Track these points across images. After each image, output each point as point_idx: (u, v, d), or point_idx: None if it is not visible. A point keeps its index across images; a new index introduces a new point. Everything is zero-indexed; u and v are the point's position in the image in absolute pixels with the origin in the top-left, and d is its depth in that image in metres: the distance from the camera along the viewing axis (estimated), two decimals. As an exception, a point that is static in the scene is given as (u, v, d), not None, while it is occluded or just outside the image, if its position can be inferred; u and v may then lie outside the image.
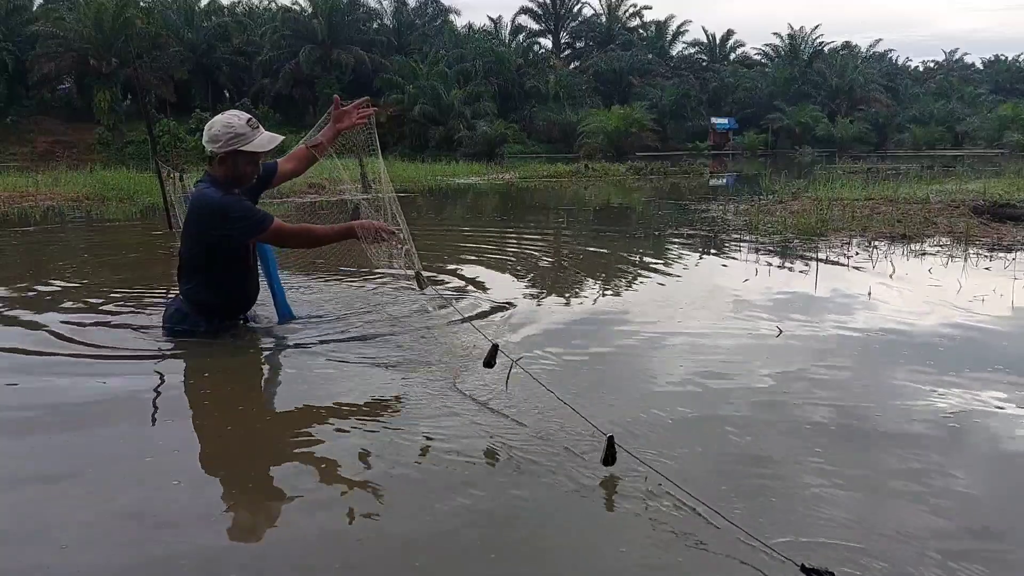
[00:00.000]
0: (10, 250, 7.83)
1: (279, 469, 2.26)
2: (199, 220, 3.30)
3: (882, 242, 6.90)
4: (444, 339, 3.53)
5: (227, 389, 3.01)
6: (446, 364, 3.13)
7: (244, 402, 2.89)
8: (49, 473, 2.21)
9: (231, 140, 3.19)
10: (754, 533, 1.72)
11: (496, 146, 38.45)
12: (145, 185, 14.76)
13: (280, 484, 2.17)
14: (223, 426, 2.62)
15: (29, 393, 2.93)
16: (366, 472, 2.21)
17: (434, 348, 3.39)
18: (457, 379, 2.92)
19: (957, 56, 70.14)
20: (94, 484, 2.14)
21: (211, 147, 3.21)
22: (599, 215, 11.85)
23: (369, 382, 2.98)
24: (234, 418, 2.69)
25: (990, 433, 2.45)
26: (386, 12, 51.01)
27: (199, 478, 2.21)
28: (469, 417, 2.55)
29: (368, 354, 3.31)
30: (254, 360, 3.40)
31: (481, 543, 1.82)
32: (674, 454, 2.25)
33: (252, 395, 3.02)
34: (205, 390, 2.97)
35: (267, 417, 2.76)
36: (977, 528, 1.88)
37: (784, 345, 3.50)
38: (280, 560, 1.75)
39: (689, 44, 59.96)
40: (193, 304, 3.45)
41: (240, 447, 2.44)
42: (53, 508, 2.00)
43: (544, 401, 2.59)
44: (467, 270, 5.74)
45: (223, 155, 3.21)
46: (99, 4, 40.02)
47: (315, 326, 3.75)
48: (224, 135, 3.18)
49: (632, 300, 4.63)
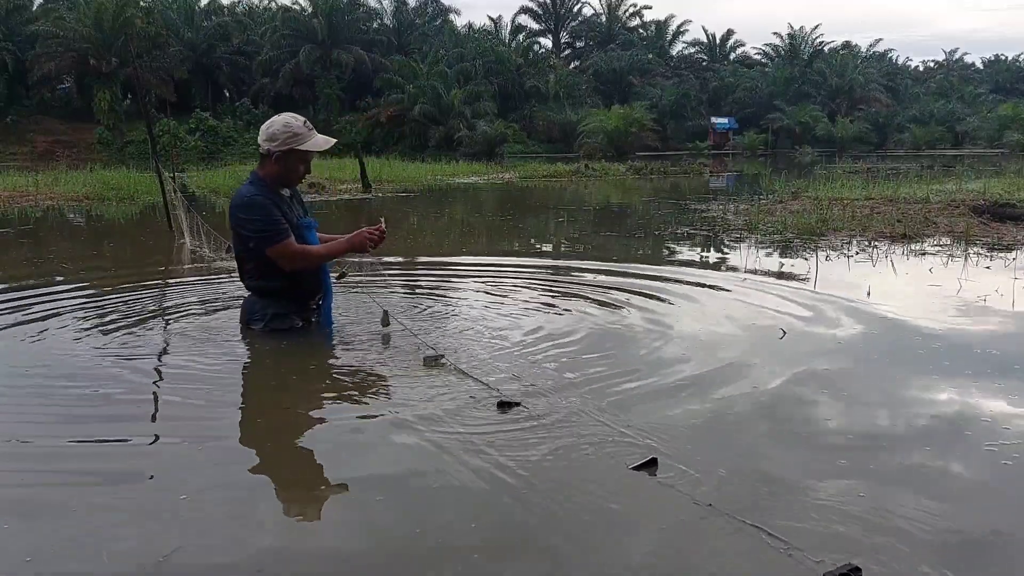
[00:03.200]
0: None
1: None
2: (234, 215, 3.44)
3: (882, 242, 6.90)
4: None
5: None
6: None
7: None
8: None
9: (289, 139, 3.36)
10: (758, 533, 1.72)
11: (496, 146, 38.42)
12: (145, 185, 14.77)
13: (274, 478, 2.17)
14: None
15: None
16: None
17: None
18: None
19: (957, 56, 70.19)
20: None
21: (268, 145, 3.37)
22: (599, 215, 11.84)
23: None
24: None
25: (991, 433, 2.45)
26: (386, 12, 51.02)
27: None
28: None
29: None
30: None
31: (494, 544, 1.82)
32: (676, 455, 2.25)
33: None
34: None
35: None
36: (978, 528, 1.88)
37: (787, 346, 3.50)
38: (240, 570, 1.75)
39: (689, 44, 60.04)
40: (258, 294, 3.59)
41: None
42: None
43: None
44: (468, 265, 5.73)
45: (280, 154, 3.37)
46: (99, 4, 40.01)
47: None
48: (283, 134, 3.35)
49: (632, 300, 4.63)
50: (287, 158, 3.39)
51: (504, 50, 49.22)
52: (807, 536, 1.78)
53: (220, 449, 2.41)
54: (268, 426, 2.66)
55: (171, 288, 5.18)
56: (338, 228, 4.06)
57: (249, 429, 2.62)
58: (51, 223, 10.98)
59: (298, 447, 2.47)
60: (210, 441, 2.47)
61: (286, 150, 3.37)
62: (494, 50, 48.16)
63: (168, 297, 4.84)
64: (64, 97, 45.05)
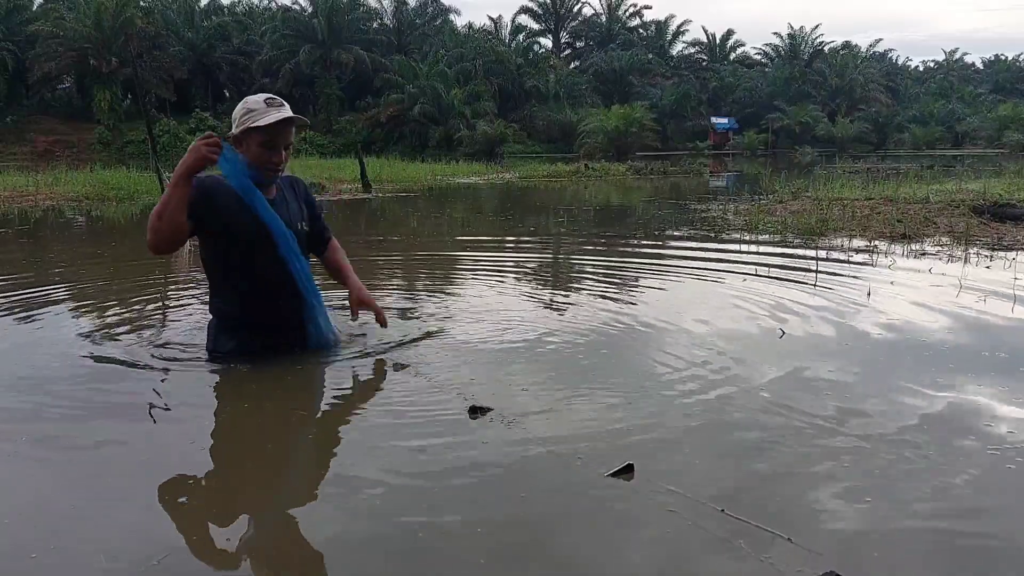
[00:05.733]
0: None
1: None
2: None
3: (882, 242, 6.89)
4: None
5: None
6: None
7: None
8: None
9: (243, 118, 2.95)
10: (757, 534, 1.71)
11: (496, 146, 38.45)
12: (145, 185, 14.77)
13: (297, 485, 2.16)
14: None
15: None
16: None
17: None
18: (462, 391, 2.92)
19: (957, 56, 70.24)
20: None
21: (233, 132, 2.99)
22: (599, 215, 11.84)
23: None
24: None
25: (992, 433, 2.44)
26: (386, 12, 51.10)
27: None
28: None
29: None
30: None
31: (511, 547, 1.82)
32: (677, 454, 2.25)
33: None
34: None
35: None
36: (979, 529, 1.88)
37: (786, 346, 3.49)
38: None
39: (689, 44, 60.17)
40: (216, 318, 3.18)
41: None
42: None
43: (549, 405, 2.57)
44: (468, 266, 5.73)
45: (238, 136, 2.96)
46: (99, 4, 40.05)
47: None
48: (239, 115, 2.98)
49: (631, 300, 4.62)
50: (246, 140, 2.95)
51: (504, 50, 49.28)
52: (806, 538, 1.78)
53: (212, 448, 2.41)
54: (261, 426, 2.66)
55: (171, 288, 5.17)
56: (337, 227, 4.03)
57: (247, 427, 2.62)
58: (51, 223, 10.97)
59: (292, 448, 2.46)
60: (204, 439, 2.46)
61: (242, 130, 2.93)
62: (494, 50, 48.21)
63: (168, 297, 4.84)
64: (64, 97, 45.09)
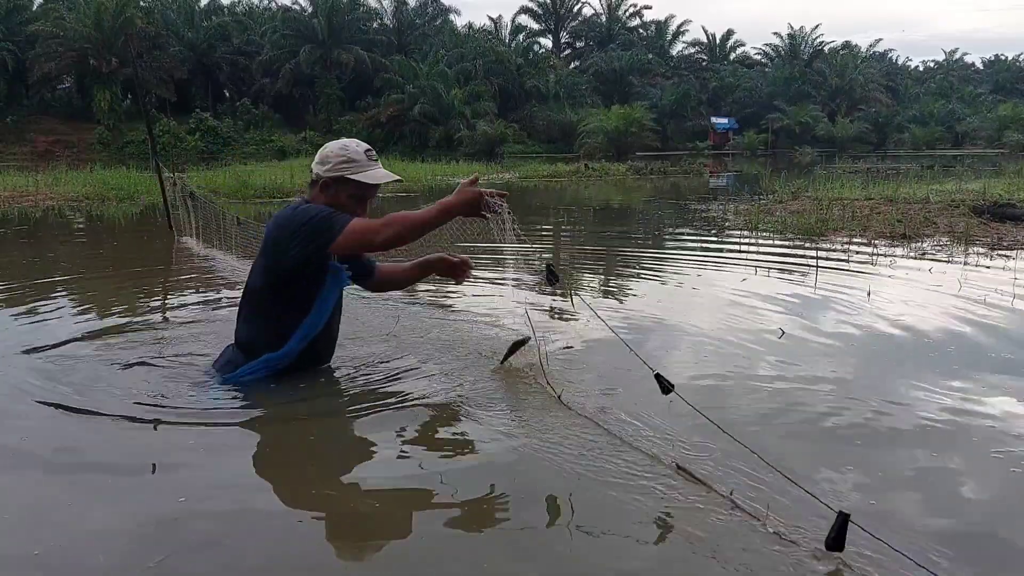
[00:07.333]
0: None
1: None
2: (271, 237, 2.84)
3: (882, 242, 6.90)
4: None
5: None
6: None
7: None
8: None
9: (340, 164, 2.81)
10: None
11: (496, 146, 38.44)
12: (145, 185, 14.77)
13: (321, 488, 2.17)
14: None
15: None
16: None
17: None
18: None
19: (957, 56, 70.17)
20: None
21: (318, 169, 2.84)
22: (599, 215, 11.84)
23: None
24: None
25: (992, 433, 2.44)
26: (386, 12, 51.06)
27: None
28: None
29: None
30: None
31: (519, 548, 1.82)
32: (676, 455, 2.25)
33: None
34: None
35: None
36: (979, 529, 1.88)
37: (786, 346, 3.50)
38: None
39: (689, 44, 60.11)
40: (245, 351, 2.96)
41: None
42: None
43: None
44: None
45: (328, 180, 2.82)
46: (99, 4, 40.02)
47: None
48: (335, 158, 2.83)
49: (631, 300, 4.63)
50: (336, 187, 2.82)
51: (504, 50, 49.25)
52: (806, 535, 1.78)
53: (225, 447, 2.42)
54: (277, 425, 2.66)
55: (171, 288, 5.18)
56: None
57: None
58: (51, 223, 10.98)
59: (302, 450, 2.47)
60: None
61: (336, 176, 2.81)
62: (494, 50, 48.18)
63: (168, 297, 4.85)
64: (64, 97, 45.05)
